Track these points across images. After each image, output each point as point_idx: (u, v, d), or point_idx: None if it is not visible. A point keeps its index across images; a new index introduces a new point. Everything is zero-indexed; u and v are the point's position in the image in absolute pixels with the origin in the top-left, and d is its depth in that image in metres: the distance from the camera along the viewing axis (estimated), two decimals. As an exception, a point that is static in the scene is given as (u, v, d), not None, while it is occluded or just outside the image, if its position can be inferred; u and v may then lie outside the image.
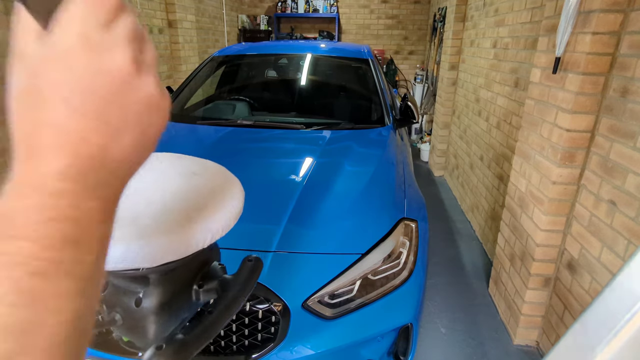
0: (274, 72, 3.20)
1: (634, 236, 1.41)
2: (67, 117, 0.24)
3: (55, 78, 0.24)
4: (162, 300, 0.49)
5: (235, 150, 1.99)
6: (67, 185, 0.24)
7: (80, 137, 0.24)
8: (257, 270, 0.61)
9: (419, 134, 5.75)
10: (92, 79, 0.24)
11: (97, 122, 0.25)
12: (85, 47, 0.24)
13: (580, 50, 1.59)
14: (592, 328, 0.38)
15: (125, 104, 0.26)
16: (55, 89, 0.24)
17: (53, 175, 0.23)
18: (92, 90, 0.25)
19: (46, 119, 0.24)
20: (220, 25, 5.81)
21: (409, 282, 1.38)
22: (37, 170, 0.23)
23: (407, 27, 6.49)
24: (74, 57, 0.24)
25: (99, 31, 0.25)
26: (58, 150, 0.24)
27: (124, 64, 0.26)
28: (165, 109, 0.30)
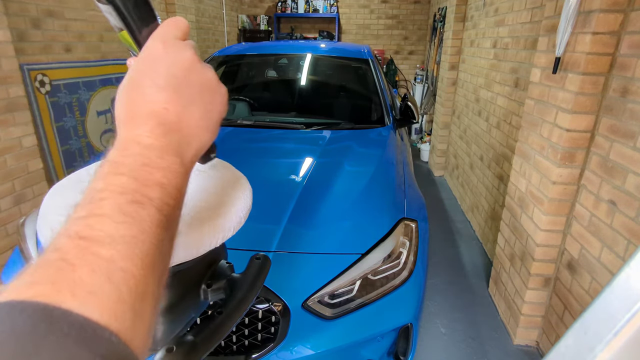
0: (274, 72, 3.20)
1: (634, 236, 1.41)
2: (154, 93, 0.34)
3: (146, 68, 0.35)
4: (171, 301, 0.49)
5: (235, 150, 1.98)
6: (155, 141, 0.32)
7: (163, 107, 0.34)
8: (265, 268, 0.61)
9: (419, 134, 5.75)
10: (170, 66, 0.35)
11: (174, 95, 0.34)
12: (166, 48, 0.36)
13: (580, 50, 1.59)
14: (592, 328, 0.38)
15: (194, 83, 0.36)
16: (146, 75, 0.35)
17: (146, 134, 0.32)
18: (170, 74, 0.35)
19: (140, 96, 0.34)
20: (220, 25, 5.81)
21: (409, 282, 1.38)
22: (135, 131, 0.32)
23: (407, 27, 6.49)
24: (158, 53, 0.35)
25: (175, 40, 0.37)
26: (149, 116, 0.33)
27: (191, 55, 0.36)
28: (223, 94, 0.40)
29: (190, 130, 0.35)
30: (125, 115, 0.34)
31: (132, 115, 0.33)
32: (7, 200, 2.27)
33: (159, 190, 0.29)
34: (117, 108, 0.35)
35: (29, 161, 2.40)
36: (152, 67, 0.35)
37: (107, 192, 0.27)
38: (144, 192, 0.28)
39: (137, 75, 0.35)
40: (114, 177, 0.28)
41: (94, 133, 3.13)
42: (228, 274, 0.55)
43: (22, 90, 2.33)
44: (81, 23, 2.95)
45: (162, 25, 0.38)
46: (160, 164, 0.31)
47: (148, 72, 0.35)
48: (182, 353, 0.48)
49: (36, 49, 2.56)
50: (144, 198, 0.28)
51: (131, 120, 0.33)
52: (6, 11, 2.25)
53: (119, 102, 0.35)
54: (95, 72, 3.11)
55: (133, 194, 0.28)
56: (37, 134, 2.53)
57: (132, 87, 0.35)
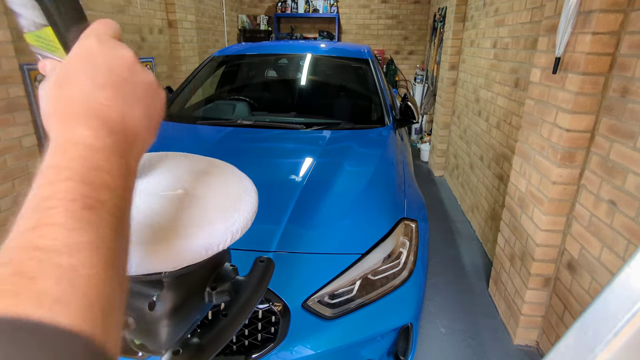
0: (274, 72, 3.20)
1: (634, 236, 1.41)
2: (94, 90, 0.32)
3: (83, 65, 0.33)
4: (176, 303, 0.49)
5: (235, 150, 1.98)
6: (99, 142, 0.30)
7: (105, 105, 0.32)
8: (270, 270, 0.61)
9: (419, 134, 5.75)
10: (110, 63, 0.33)
11: (116, 94, 0.33)
12: (102, 45, 0.34)
13: (580, 50, 1.59)
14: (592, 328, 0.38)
15: (134, 83, 0.35)
16: (83, 72, 0.32)
17: (88, 134, 0.30)
18: (111, 70, 0.33)
19: (76, 94, 0.32)
20: (220, 25, 5.81)
21: (409, 282, 1.38)
22: (75, 131, 0.30)
23: (407, 27, 6.49)
24: (95, 49, 0.34)
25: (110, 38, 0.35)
26: (89, 115, 0.31)
27: (131, 55, 0.35)
28: (162, 97, 0.38)
29: (134, 130, 0.33)
30: (59, 114, 0.31)
31: (69, 113, 0.31)
32: (7, 200, 2.27)
33: (108, 193, 0.28)
34: (46, 106, 0.32)
35: (29, 161, 2.40)
36: (89, 64, 0.33)
37: (55, 199, 0.26)
38: (95, 196, 0.27)
39: (70, 72, 0.33)
40: (61, 183, 0.27)
41: (94, 133, 3.12)
42: (232, 276, 0.55)
43: (22, 90, 2.33)
44: (81, 23, 2.95)
45: (94, 24, 0.36)
46: (106, 166, 0.29)
47: (85, 69, 0.33)
48: (188, 355, 0.49)
49: (36, 49, 2.55)
50: (96, 202, 0.27)
51: (68, 118, 0.31)
52: (6, 11, 2.25)
53: (49, 99, 0.32)
54: (95, 72, 3.11)
55: (84, 199, 0.27)
56: (37, 134, 2.53)
57: (65, 83, 0.32)
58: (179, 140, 2.11)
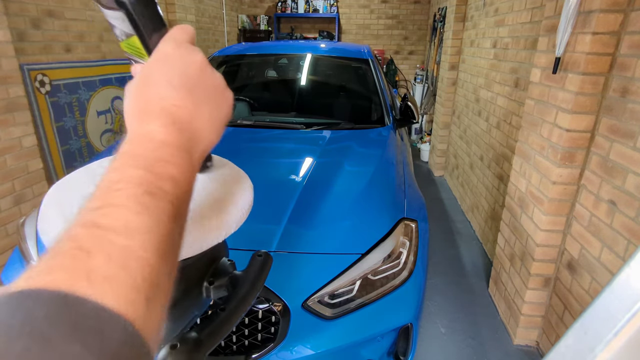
0: (274, 72, 3.20)
1: (634, 236, 1.41)
2: (168, 91, 0.35)
3: (161, 68, 0.36)
4: (174, 298, 0.49)
5: (235, 150, 1.99)
6: (169, 137, 0.33)
7: (176, 105, 0.35)
8: (267, 265, 0.61)
9: (419, 134, 5.75)
10: (184, 67, 0.37)
11: (188, 95, 0.36)
12: (178, 49, 0.38)
13: (580, 50, 1.59)
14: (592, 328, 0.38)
15: (205, 85, 0.38)
16: (161, 75, 0.36)
17: (160, 130, 0.33)
18: (185, 74, 0.36)
19: (155, 94, 0.35)
20: (220, 25, 5.81)
21: (409, 282, 1.38)
22: (149, 126, 0.33)
23: (407, 27, 6.49)
24: (172, 54, 0.37)
25: (186, 43, 0.39)
26: (162, 113, 0.34)
27: (203, 58, 0.38)
28: (230, 99, 0.41)
29: (200, 130, 0.36)
30: (137, 111, 0.35)
31: (145, 110, 0.34)
32: (7, 200, 2.27)
33: (172, 184, 0.30)
34: (128, 103, 0.36)
35: (29, 161, 2.40)
36: (166, 67, 0.36)
37: (123, 183, 0.28)
38: (159, 184, 0.29)
39: (150, 73, 0.36)
40: (130, 169, 0.29)
41: (93, 133, 3.13)
42: (230, 271, 0.55)
43: (22, 90, 2.33)
44: (81, 23, 2.95)
45: (172, 30, 0.39)
46: (173, 159, 0.32)
47: (162, 71, 0.36)
48: (186, 350, 0.48)
49: (36, 49, 2.56)
50: (159, 190, 0.29)
51: (144, 115, 0.34)
52: (6, 11, 2.25)
53: (131, 98, 0.36)
54: (95, 72, 3.11)
55: (148, 185, 0.29)
56: (37, 134, 2.53)
57: (145, 84, 0.36)
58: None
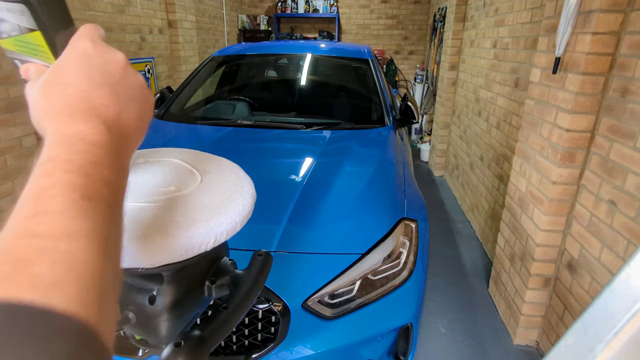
0: (274, 72, 3.20)
1: (634, 236, 1.41)
2: (91, 89, 0.33)
3: (80, 66, 0.34)
4: (176, 297, 0.49)
5: (235, 150, 1.99)
6: (99, 138, 0.31)
7: (103, 104, 0.33)
8: (268, 264, 0.62)
9: (419, 134, 5.75)
10: (105, 64, 0.35)
11: (112, 93, 0.34)
12: (96, 46, 0.36)
13: (580, 50, 1.59)
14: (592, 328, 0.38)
15: (128, 84, 0.36)
16: (80, 73, 0.34)
17: (90, 131, 0.31)
18: (106, 71, 0.35)
19: (74, 93, 0.33)
20: (220, 25, 5.81)
21: (409, 282, 1.38)
22: (77, 127, 0.31)
23: (407, 27, 6.49)
24: (90, 51, 0.35)
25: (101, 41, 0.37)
26: (91, 113, 0.32)
27: (123, 57, 0.37)
28: (151, 100, 0.40)
29: (128, 130, 0.35)
30: (55, 110, 0.32)
31: (68, 110, 0.32)
32: (7, 200, 2.27)
33: (106, 186, 0.30)
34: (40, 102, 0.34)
35: (29, 161, 2.40)
36: (86, 65, 0.34)
37: (56, 189, 0.27)
38: (94, 188, 0.28)
39: (66, 71, 0.34)
40: (62, 174, 0.28)
41: (94, 133, 3.12)
42: (231, 270, 0.56)
43: (22, 90, 2.32)
44: (81, 23, 2.93)
45: (83, 28, 0.37)
46: (105, 161, 0.31)
47: (82, 69, 0.34)
48: (190, 348, 0.49)
49: (36, 49, 2.55)
50: (95, 194, 0.28)
51: (68, 115, 0.32)
52: (6, 11, 2.25)
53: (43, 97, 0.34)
54: (95, 72, 3.11)
55: (84, 190, 0.28)
56: (37, 134, 2.52)
57: (61, 82, 0.34)
58: (179, 140, 2.11)
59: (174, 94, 2.67)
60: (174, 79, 4.29)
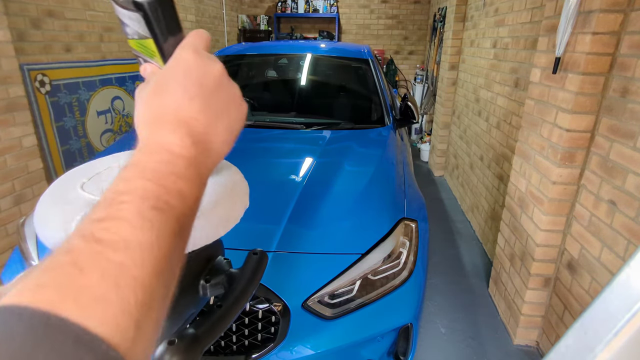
0: (274, 72, 3.20)
1: (634, 236, 1.41)
2: (185, 102, 0.34)
3: (179, 77, 0.35)
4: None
5: (235, 150, 1.98)
6: (184, 151, 0.32)
7: (193, 117, 0.34)
8: (263, 263, 0.61)
9: (419, 134, 5.75)
10: (202, 77, 0.35)
11: (204, 106, 0.35)
12: (197, 58, 0.36)
13: (580, 50, 1.59)
14: (592, 328, 0.38)
15: (221, 96, 0.37)
16: (178, 84, 0.34)
17: (176, 142, 0.32)
18: (202, 84, 0.35)
19: (171, 104, 0.34)
20: (220, 25, 5.81)
21: (409, 282, 1.38)
22: (165, 137, 0.32)
23: (407, 27, 6.49)
24: (191, 62, 0.35)
25: (204, 51, 0.37)
26: (178, 124, 0.33)
27: (221, 68, 0.37)
28: (244, 111, 0.40)
29: (213, 144, 0.35)
30: (152, 118, 0.34)
31: (161, 120, 0.33)
32: (7, 200, 2.27)
33: (180, 199, 0.30)
34: (140, 109, 0.35)
35: (29, 161, 2.40)
36: (184, 76, 0.35)
37: (130, 195, 0.27)
38: (166, 199, 0.28)
39: (167, 81, 0.35)
40: (139, 181, 0.28)
41: (93, 133, 3.13)
42: (226, 269, 0.56)
43: (22, 90, 2.33)
44: (81, 23, 2.95)
45: (190, 35, 0.38)
46: (184, 174, 0.31)
47: (180, 80, 0.35)
48: (184, 346, 0.49)
49: (36, 49, 2.56)
50: (166, 205, 0.28)
51: (159, 124, 0.33)
52: (6, 11, 2.25)
53: (144, 104, 0.35)
54: (95, 72, 3.11)
55: (156, 199, 0.28)
56: (37, 134, 2.53)
57: (161, 91, 0.34)
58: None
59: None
60: (174, 79, 4.29)
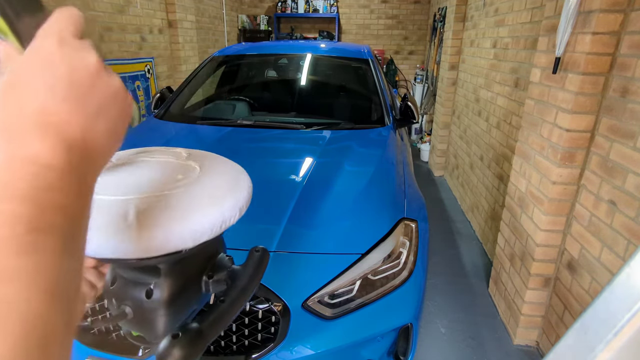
0: (274, 72, 3.20)
1: (634, 236, 1.41)
2: (53, 102, 0.28)
3: (40, 71, 0.28)
4: (174, 291, 0.49)
5: (235, 150, 1.99)
6: (55, 160, 0.27)
7: (64, 120, 0.28)
8: (265, 260, 0.62)
9: (419, 134, 5.75)
10: (72, 71, 0.29)
11: (78, 107, 0.29)
12: (64, 47, 0.29)
13: (580, 50, 1.59)
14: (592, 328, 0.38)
15: (99, 93, 0.31)
16: (40, 81, 0.28)
17: (43, 151, 0.26)
18: (73, 80, 0.29)
19: (33, 105, 0.27)
20: (220, 25, 5.81)
21: (409, 282, 1.38)
22: (27, 147, 0.26)
23: (407, 27, 6.49)
24: (55, 55, 0.29)
25: (72, 38, 0.30)
26: (46, 131, 0.27)
27: (96, 60, 0.31)
28: (129, 104, 0.34)
29: (95, 146, 0.30)
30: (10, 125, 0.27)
31: (22, 125, 0.27)
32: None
33: (61, 215, 0.26)
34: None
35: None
36: (48, 71, 0.28)
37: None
38: (44, 219, 0.25)
39: (24, 77, 0.28)
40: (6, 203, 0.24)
41: (94, 133, 3.12)
42: (229, 265, 0.56)
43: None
44: (81, 23, 2.94)
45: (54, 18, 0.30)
46: (61, 186, 0.27)
47: (42, 75, 0.28)
48: (188, 339, 0.49)
49: (36, 49, 2.55)
50: (45, 225, 0.25)
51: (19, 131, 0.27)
52: (6, 11, 2.25)
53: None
54: (95, 72, 3.11)
55: (31, 221, 0.24)
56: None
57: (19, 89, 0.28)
58: (179, 140, 2.11)
59: (174, 94, 2.67)
60: (174, 79, 4.30)
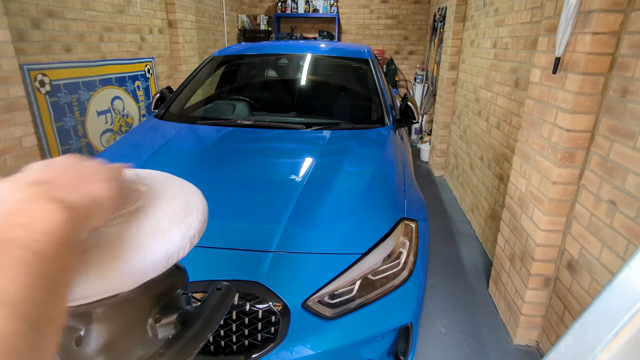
0: (274, 72, 3.20)
1: (634, 236, 1.41)
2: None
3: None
4: (108, 339, 0.43)
5: (235, 150, 1.98)
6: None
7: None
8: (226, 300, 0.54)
9: (419, 134, 5.75)
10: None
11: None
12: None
13: (580, 50, 1.59)
14: (592, 328, 0.38)
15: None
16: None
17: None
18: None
19: None
20: (220, 25, 5.80)
21: (409, 282, 1.38)
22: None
23: (407, 27, 6.49)
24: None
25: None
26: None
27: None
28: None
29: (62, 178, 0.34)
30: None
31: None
32: (7, 200, 2.26)
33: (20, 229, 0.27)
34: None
35: (29, 161, 2.40)
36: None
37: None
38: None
39: None
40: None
41: (94, 133, 3.13)
42: (182, 306, 0.49)
43: (22, 90, 2.33)
44: (81, 23, 2.95)
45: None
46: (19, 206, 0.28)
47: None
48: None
49: (36, 49, 2.56)
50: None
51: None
52: (6, 11, 2.25)
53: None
54: (95, 72, 3.11)
55: None
56: (37, 134, 2.53)
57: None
58: (179, 141, 2.11)
59: (174, 94, 2.67)
60: (174, 79, 4.30)
